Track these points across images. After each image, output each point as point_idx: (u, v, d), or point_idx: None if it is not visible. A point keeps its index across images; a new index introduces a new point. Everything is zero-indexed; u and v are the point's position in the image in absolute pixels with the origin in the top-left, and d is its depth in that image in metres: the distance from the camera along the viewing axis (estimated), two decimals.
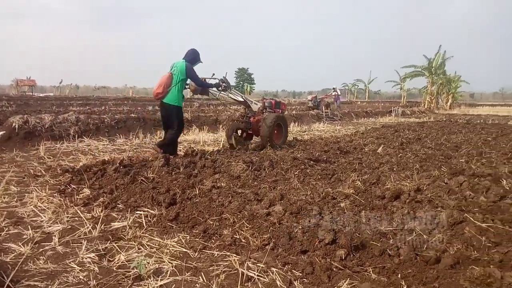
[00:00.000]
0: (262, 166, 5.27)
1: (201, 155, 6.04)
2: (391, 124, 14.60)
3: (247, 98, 7.58)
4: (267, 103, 7.90)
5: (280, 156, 6.10)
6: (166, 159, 5.24)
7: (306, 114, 16.57)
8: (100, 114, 11.95)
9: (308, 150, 7.00)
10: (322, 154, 6.56)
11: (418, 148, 7.47)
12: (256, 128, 7.45)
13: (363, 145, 7.77)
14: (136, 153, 6.90)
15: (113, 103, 23.26)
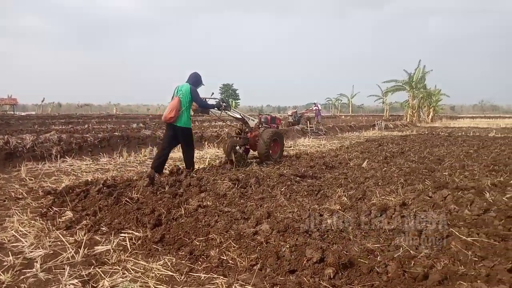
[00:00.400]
0: (248, 183, 5.24)
1: (186, 173, 5.97)
2: (375, 138, 14.76)
3: (244, 115, 7.84)
4: (263, 119, 8.23)
5: (266, 172, 6.08)
6: (150, 178, 5.17)
7: (291, 129, 16.66)
8: (83, 132, 11.80)
9: (294, 166, 7.00)
10: (308, 169, 6.56)
11: (402, 161, 7.55)
12: (253, 143, 7.73)
13: (348, 160, 7.81)
14: (120, 173, 6.81)
15: (97, 121, 23.03)
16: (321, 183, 5.57)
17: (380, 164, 7.29)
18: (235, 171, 6.39)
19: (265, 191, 4.94)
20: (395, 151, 9.48)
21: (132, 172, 6.92)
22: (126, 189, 4.87)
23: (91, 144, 9.32)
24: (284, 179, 5.52)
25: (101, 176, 6.33)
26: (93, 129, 13.96)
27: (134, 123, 19.18)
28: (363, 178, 5.81)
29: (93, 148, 9.24)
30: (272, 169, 6.61)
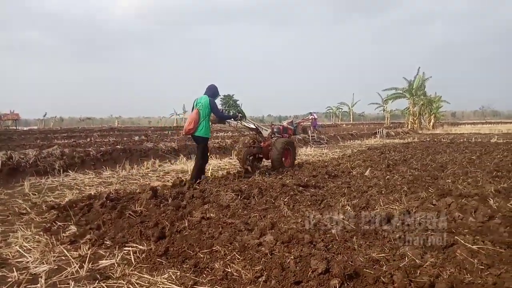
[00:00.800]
0: (251, 194, 5.22)
1: (189, 185, 5.97)
2: (376, 146, 14.76)
3: (258, 125, 8.29)
4: (275, 129, 8.67)
5: (269, 183, 6.06)
6: (154, 191, 5.17)
7: (293, 139, 16.69)
8: (85, 146, 11.83)
9: (297, 176, 6.99)
10: (311, 179, 6.55)
11: (404, 169, 7.53)
12: (267, 152, 8.09)
13: (350, 169, 7.80)
14: (123, 186, 6.81)
15: (99, 134, 23.09)
16: (324, 192, 5.55)
17: (383, 172, 7.27)
18: (238, 181, 6.38)
19: (268, 202, 4.92)
20: (398, 159, 9.48)
21: (135, 185, 6.93)
22: (129, 202, 4.88)
23: (94, 157, 9.35)
24: (287, 189, 5.50)
25: (104, 189, 6.33)
26: (96, 143, 14.00)
27: (136, 136, 19.20)
28: (366, 187, 5.80)
29: (96, 161, 9.26)
30: (275, 179, 6.60)
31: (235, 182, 6.38)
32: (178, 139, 17.03)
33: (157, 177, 7.92)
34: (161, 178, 7.77)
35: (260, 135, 8.22)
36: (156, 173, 8.49)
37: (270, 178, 6.77)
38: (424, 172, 7.15)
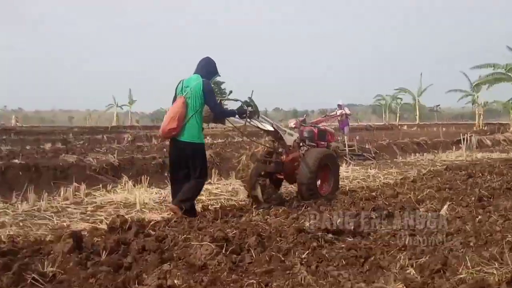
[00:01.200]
0: (244, 246, 5.19)
1: (137, 228, 5.93)
2: (460, 164, 14.65)
3: (278, 127, 8.29)
4: (306, 133, 8.91)
5: (275, 226, 6.04)
6: (76, 239, 5.14)
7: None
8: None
9: (323, 214, 6.95)
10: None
11: (508, 205, 7.53)
12: (290, 171, 8.18)
13: (415, 203, 7.78)
14: (24, 229, 6.77)
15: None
16: (370, 244, 5.51)
17: (472, 209, 7.23)
18: (222, 223, 6.40)
19: (274, 260, 4.89)
20: (496, 186, 9.44)
21: (45, 228, 6.89)
22: (34, 258, 4.84)
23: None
24: (306, 238, 5.47)
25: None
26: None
27: (48, 143, 19.15)
28: (442, 235, 5.77)
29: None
30: (285, 219, 6.58)
31: (216, 224, 6.36)
32: (123, 149, 17.05)
33: (82, 215, 7.88)
34: (89, 217, 7.74)
35: (281, 143, 8.29)
36: (81, 208, 8.46)
37: (277, 218, 6.74)
38: None
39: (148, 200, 9.01)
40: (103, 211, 8.21)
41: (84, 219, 7.52)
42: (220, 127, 23.45)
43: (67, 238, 5.07)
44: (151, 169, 11.83)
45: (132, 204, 8.69)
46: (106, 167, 11.42)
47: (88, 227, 6.76)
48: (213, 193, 9.94)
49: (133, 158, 12.39)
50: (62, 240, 5.09)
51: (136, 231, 5.81)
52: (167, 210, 7.97)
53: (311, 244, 5.32)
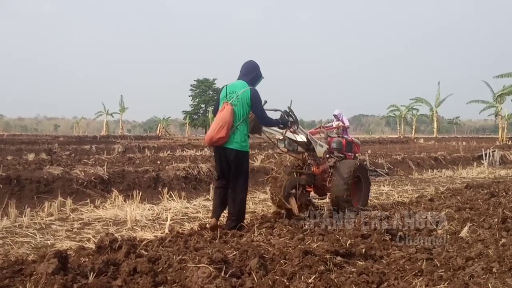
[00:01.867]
0: (245, 269, 5.18)
1: (128, 248, 5.90)
2: (482, 182, 14.75)
3: (312, 138, 8.66)
4: (335, 144, 9.38)
5: (279, 247, 6.01)
6: (61, 259, 5.08)
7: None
8: None
9: (332, 234, 6.93)
10: (358, 241, 6.49)
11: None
12: (322, 183, 8.75)
13: (433, 224, 7.74)
14: (4, 248, 6.73)
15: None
16: (383, 268, 5.47)
17: (494, 232, 7.21)
18: (221, 243, 6.38)
19: (278, 284, 4.85)
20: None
21: (27, 246, 6.86)
22: (14, 279, 4.80)
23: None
24: (313, 261, 5.43)
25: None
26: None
27: (31, 153, 19.21)
28: (462, 260, 5.72)
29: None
30: (290, 240, 6.54)
31: (215, 244, 6.33)
32: (113, 160, 17.02)
33: (68, 233, 7.84)
34: (76, 235, 7.71)
35: (312, 154, 8.76)
36: (66, 225, 8.43)
37: (281, 239, 6.71)
38: None
39: (140, 217, 8.99)
40: (90, 228, 8.19)
41: (70, 237, 7.50)
42: None
43: (51, 258, 5.02)
44: (143, 183, 11.84)
45: (122, 221, 8.69)
46: (94, 181, 11.42)
47: (75, 246, 6.70)
48: (211, 210, 9.84)
49: (124, 171, 12.38)
50: (46, 260, 5.04)
51: (127, 251, 5.78)
52: (161, 229, 7.97)
53: (318, 268, 5.29)
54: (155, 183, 12.06)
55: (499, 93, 41.76)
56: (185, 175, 12.76)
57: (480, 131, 79.42)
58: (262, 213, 9.30)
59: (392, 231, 7.12)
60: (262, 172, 14.29)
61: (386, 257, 5.94)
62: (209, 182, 12.60)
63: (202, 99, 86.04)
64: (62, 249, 5.88)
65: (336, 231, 7.32)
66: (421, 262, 5.65)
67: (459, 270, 5.40)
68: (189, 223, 8.53)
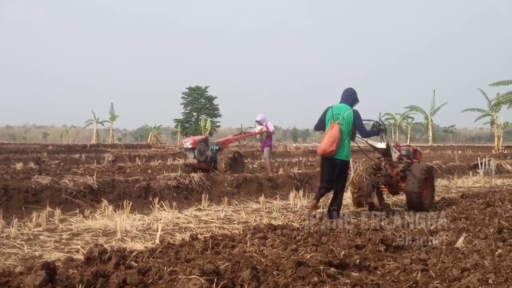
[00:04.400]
0: (237, 281, 5.20)
1: (118, 259, 5.89)
2: (478, 192, 14.71)
3: (391, 145, 10.78)
4: (404, 151, 11.25)
5: (272, 258, 6.02)
6: (49, 271, 5.07)
7: (319, 175, 16.64)
8: None
9: (326, 245, 6.94)
10: (352, 252, 6.51)
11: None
12: (395, 183, 10.71)
13: (428, 234, 7.76)
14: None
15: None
16: (377, 279, 5.50)
17: (490, 242, 7.22)
18: (212, 254, 6.40)
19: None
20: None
21: (14, 258, 6.84)
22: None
23: None
24: (307, 272, 5.45)
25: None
26: None
27: (19, 162, 19.16)
28: (458, 271, 5.74)
29: None
30: (283, 251, 6.55)
31: (206, 255, 6.33)
32: (103, 170, 17.00)
33: (56, 244, 7.83)
34: (64, 246, 7.69)
35: (388, 159, 10.85)
36: (55, 235, 8.41)
37: (274, 249, 6.70)
38: None
39: (130, 227, 8.96)
40: (79, 239, 8.16)
41: (58, 248, 7.46)
42: None
43: (38, 270, 5.03)
44: (134, 193, 11.80)
45: (112, 231, 8.65)
46: (84, 190, 11.37)
47: (63, 257, 6.66)
48: (203, 220, 9.91)
49: (114, 181, 12.34)
50: (33, 271, 5.05)
51: (117, 262, 5.79)
52: (151, 239, 7.95)
53: (311, 279, 5.32)
54: (145, 192, 12.02)
55: (496, 102, 41.80)
56: (177, 185, 12.72)
57: (476, 140, 79.65)
58: (255, 223, 9.26)
59: (387, 242, 7.13)
60: (254, 181, 14.32)
61: (380, 268, 5.95)
62: (200, 191, 12.59)
63: (194, 107, 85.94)
64: (50, 260, 5.87)
65: (330, 241, 7.33)
66: (416, 273, 5.67)
67: (455, 281, 5.42)
68: (180, 234, 8.47)
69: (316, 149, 38.25)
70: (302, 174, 16.55)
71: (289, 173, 16.53)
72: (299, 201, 12.65)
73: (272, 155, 21.43)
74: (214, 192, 13.14)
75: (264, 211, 11.23)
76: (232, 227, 9.29)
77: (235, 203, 12.49)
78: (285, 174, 16.33)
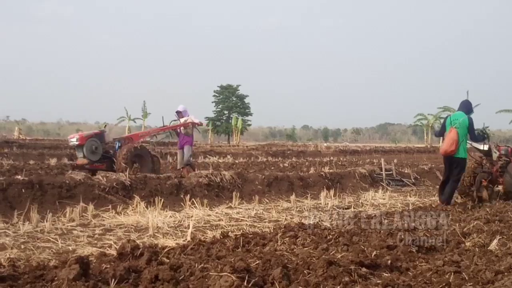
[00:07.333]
0: (268, 279, 5.16)
1: (150, 255, 5.91)
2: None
3: (491, 147, 12.39)
4: (503, 151, 12.58)
5: (302, 257, 5.98)
6: (83, 265, 5.12)
7: (351, 175, 16.60)
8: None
9: (357, 245, 6.90)
10: (384, 252, 6.46)
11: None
12: (495, 179, 12.23)
13: (461, 236, 7.68)
14: (25, 253, 6.79)
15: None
16: (409, 280, 5.45)
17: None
18: (243, 252, 6.37)
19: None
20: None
21: (48, 252, 6.91)
22: (36, 284, 4.84)
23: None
24: (337, 272, 5.42)
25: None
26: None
27: (53, 158, 19.28)
28: (491, 273, 5.68)
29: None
30: (314, 250, 6.51)
31: (237, 252, 6.33)
32: None
33: (89, 239, 7.90)
34: (97, 241, 7.76)
35: (489, 159, 12.34)
36: (88, 231, 8.48)
37: (305, 248, 6.69)
38: None
39: (161, 224, 8.99)
40: (112, 234, 8.23)
41: (91, 243, 7.54)
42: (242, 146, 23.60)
43: (72, 264, 5.04)
44: (165, 190, 11.83)
45: (144, 228, 8.70)
46: (116, 187, 11.45)
47: (96, 252, 6.72)
48: (233, 218, 9.95)
49: (146, 177, 12.36)
50: (68, 265, 5.06)
51: (149, 258, 5.77)
52: (182, 236, 7.98)
53: (342, 279, 5.27)
54: (177, 190, 12.05)
55: None
56: (208, 182, 12.73)
57: (510, 142, 78.25)
58: (286, 222, 9.25)
59: (419, 243, 7.10)
60: (285, 180, 14.31)
61: (412, 269, 5.88)
62: (231, 189, 12.61)
63: (226, 105, 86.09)
64: (83, 255, 5.85)
65: (361, 241, 7.30)
66: (448, 275, 5.60)
67: (488, 284, 5.34)
68: (211, 231, 8.50)
69: (346, 149, 38.40)
70: (334, 174, 16.45)
71: (320, 172, 16.40)
72: (330, 201, 12.63)
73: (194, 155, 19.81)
74: (245, 190, 13.15)
75: (295, 210, 11.27)
76: (262, 225, 9.30)
77: (265, 201, 12.50)
78: (316, 173, 16.19)
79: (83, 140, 14.33)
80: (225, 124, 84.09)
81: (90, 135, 14.88)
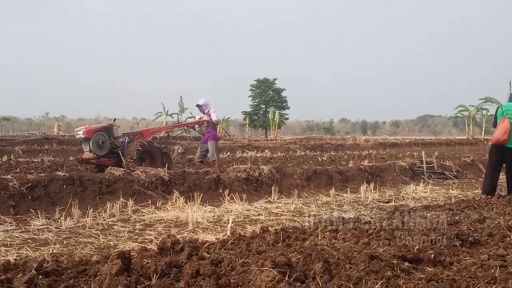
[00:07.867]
0: (309, 273, 5.12)
1: (190, 250, 5.92)
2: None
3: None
4: None
5: (344, 251, 5.94)
6: (124, 260, 5.15)
7: (391, 168, 16.46)
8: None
9: (398, 239, 6.85)
10: (427, 246, 6.39)
11: None
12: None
13: (506, 229, 7.56)
14: (68, 248, 6.86)
15: (24, 148, 23.54)
16: (454, 275, 5.38)
17: None
18: (284, 246, 6.34)
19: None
20: None
21: (90, 248, 6.98)
22: (79, 279, 4.87)
23: (15, 193, 9.46)
24: (380, 266, 5.37)
25: (34, 254, 6.38)
26: (18, 165, 14.29)
27: None
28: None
29: (19, 200, 9.38)
30: (355, 244, 6.46)
31: (277, 247, 6.31)
32: (173, 162, 17.14)
33: (130, 234, 7.96)
34: (137, 236, 7.82)
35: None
36: (128, 226, 8.56)
37: (346, 242, 6.65)
38: None
39: (201, 219, 9.01)
40: (152, 229, 8.27)
41: (132, 238, 7.61)
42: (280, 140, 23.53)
43: (114, 259, 5.07)
44: (204, 185, 11.83)
45: (183, 223, 8.74)
46: (155, 182, 11.49)
47: (137, 247, 6.81)
48: (273, 212, 9.92)
49: (184, 173, 12.39)
50: (110, 260, 5.10)
51: (189, 253, 5.79)
52: (222, 231, 7.99)
53: (385, 273, 5.22)
54: (215, 184, 12.06)
55: None
56: (246, 177, 12.70)
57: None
58: (326, 216, 9.21)
59: (463, 236, 7.00)
60: (324, 174, 14.26)
61: (456, 264, 5.80)
62: (270, 184, 12.59)
63: (262, 100, 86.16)
64: (125, 250, 5.90)
65: (403, 235, 7.25)
66: (494, 269, 5.51)
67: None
68: (250, 226, 8.48)
69: (386, 142, 38.07)
70: (373, 167, 16.29)
71: (359, 165, 16.29)
72: (370, 194, 12.51)
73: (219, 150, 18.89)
74: (283, 185, 13.08)
75: (335, 204, 11.19)
76: (302, 219, 9.22)
77: (305, 195, 12.44)
78: (356, 166, 16.03)
79: (89, 133, 14.03)
80: (262, 118, 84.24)
81: (97, 128, 14.58)
